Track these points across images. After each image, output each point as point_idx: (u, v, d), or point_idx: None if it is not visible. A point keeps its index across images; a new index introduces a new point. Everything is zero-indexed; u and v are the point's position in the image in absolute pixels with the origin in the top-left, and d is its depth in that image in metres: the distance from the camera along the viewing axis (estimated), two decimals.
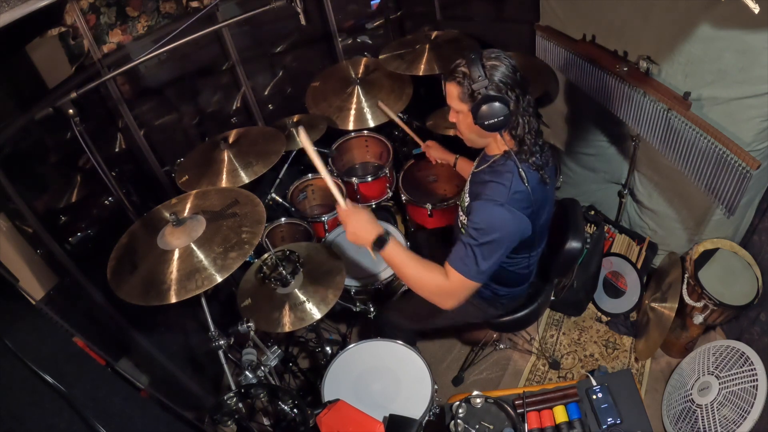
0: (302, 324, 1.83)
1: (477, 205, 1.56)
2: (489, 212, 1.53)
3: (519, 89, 1.51)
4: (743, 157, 1.84)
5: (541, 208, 1.62)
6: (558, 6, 2.49)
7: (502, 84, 1.48)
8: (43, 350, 1.29)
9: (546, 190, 1.63)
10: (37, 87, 1.94)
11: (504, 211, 1.52)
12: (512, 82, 1.49)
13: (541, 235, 1.74)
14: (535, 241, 1.68)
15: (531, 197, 1.54)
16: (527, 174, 1.54)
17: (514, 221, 1.54)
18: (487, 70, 1.48)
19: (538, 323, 2.75)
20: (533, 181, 1.56)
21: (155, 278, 1.53)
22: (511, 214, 1.53)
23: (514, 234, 1.57)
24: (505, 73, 1.49)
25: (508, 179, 1.54)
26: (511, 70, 1.50)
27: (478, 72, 1.47)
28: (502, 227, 1.53)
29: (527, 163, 1.57)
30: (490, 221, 1.53)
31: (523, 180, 1.53)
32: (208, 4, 2.36)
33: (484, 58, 1.49)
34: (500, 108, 1.47)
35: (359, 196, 2.70)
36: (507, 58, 1.51)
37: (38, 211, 1.90)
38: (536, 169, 1.58)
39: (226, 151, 2.19)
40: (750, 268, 2.22)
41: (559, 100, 2.85)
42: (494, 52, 1.51)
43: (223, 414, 1.53)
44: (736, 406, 2.02)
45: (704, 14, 1.80)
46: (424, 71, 2.55)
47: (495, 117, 1.48)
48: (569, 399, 1.73)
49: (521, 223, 1.56)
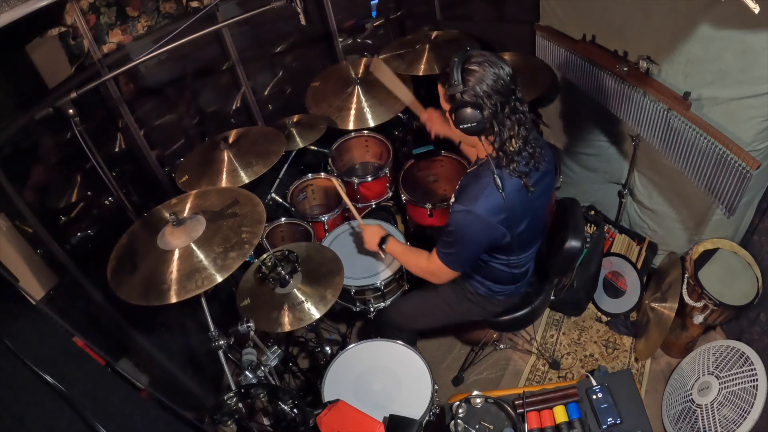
0: (301, 324, 1.82)
1: (452, 208, 1.64)
2: (456, 216, 1.62)
3: (500, 96, 1.48)
4: (743, 157, 1.84)
5: (520, 214, 1.62)
6: (558, 6, 2.49)
7: (479, 90, 1.46)
8: (43, 350, 1.29)
9: (527, 198, 1.60)
10: (37, 87, 1.94)
11: (470, 218, 1.58)
12: (490, 89, 1.46)
13: (525, 241, 1.75)
14: (513, 247, 1.69)
15: (504, 204, 1.54)
16: (505, 181, 1.54)
17: (479, 227, 1.59)
18: (465, 74, 1.46)
19: (538, 323, 2.75)
20: (511, 188, 1.56)
21: (155, 278, 1.53)
22: (477, 221, 1.57)
23: (480, 238, 1.64)
24: (485, 79, 1.46)
25: (483, 186, 1.57)
26: (493, 77, 1.46)
27: (455, 76, 1.47)
28: (465, 231, 1.63)
29: (508, 170, 1.56)
30: (456, 224, 1.63)
31: (498, 187, 1.53)
32: (208, 4, 2.36)
33: (466, 62, 1.47)
34: (472, 114, 1.48)
35: (359, 196, 2.70)
36: (492, 64, 1.47)
37: (38, 211, 1.90)
38: (518, 176, 1.56)
39: (226, 151, 2.19)
40: (750, 268, 2.23)
41: (559, 100, 2.85)
42: (481, 56, 1.48)
43: (223, 414, 1.53)
44: (736, 406, 2.02)
45: (704, 14, 1.80)
46: (423, 71, 2.55)
47: (468, 122, 1.49)
48: (569, 399, 1.73)
49: (489, 230, 1.60)
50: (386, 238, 2.01)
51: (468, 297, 2.01)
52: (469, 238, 1.64)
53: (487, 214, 1.56)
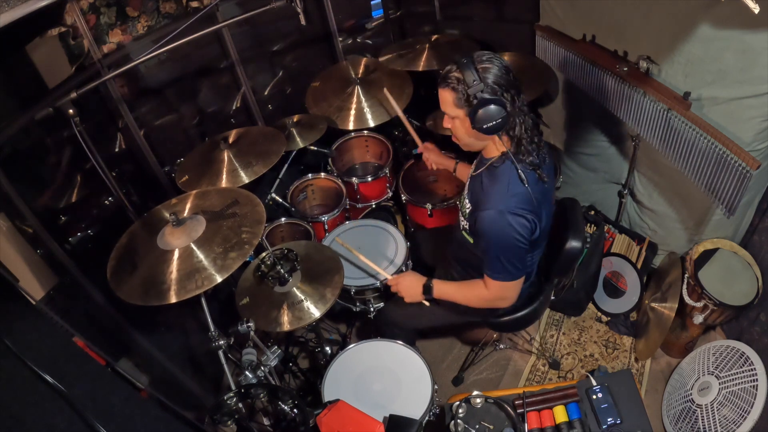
0: (300, 323, 1.82)
1: (481, 216, 1.59)
2: (489, 223, 1.57)
3: (513, 89, 1.51)
4: (743, 157, 1.84)
5: (542, 205, 1.63)
6: (558, 6, 2.49)
7: (496, 86, 1.48)
8: (43, 350, 1.29)
9: (544, 188, 1.63)
10: (37, 87, 1.94)
11: (505, 219, 1.54)
12: (506, 83, 1.49)
13: (544, 233, 1.75)
14: (539, 240, 1.69)
15: (531, 196, 1.55)
16: (525, 174, 1.55)
17: (516, 225, 1.56)
18: (481, 73, 1.47)
19: (538, 323, 2.75)
20: (531, 180, 1.57)
21: (155, 278, 1.53)
22: (513, 218, 1.55)
23: (521, 236, 1.58)
24: (498, 74, 1.48)
25: (506, 182, 1.56)
26: (503, 71, 1.49)
27: (472, 76, 1.47)
28: (505, 234, 1.56)
29: (525, 163, 1.58)
30: (493, 232, 1.57)
31: (523, 181, 1.54)
32: (208, 4, 2.36)
33: (476, 61, 1.49)
34: (497, 110, 1.47)
35: (359, 196, 2.70)
36: (498, 60, 1.50)
37: (38, 211, 1.90)
38: (533, 168, 1.59)
39: (226, 151, 2.19)
40: (750, 268, 2.22)
41: (559, 100, 2.85)
42: (485, 54, 1.51)
43: (223, 414, 1.53)
44: (736, 406, 2.02)
45: (704, 14, 1.80)
46: (423, 67, 2.55)
47: (493, 120, 1.48)
48: (569, 399, 1.73)
49: (525, 225, 1.57)
50: (430, 284, 1.84)
51: None
52: (512, 241, 1.58)
53: (520, 210, 1.54)
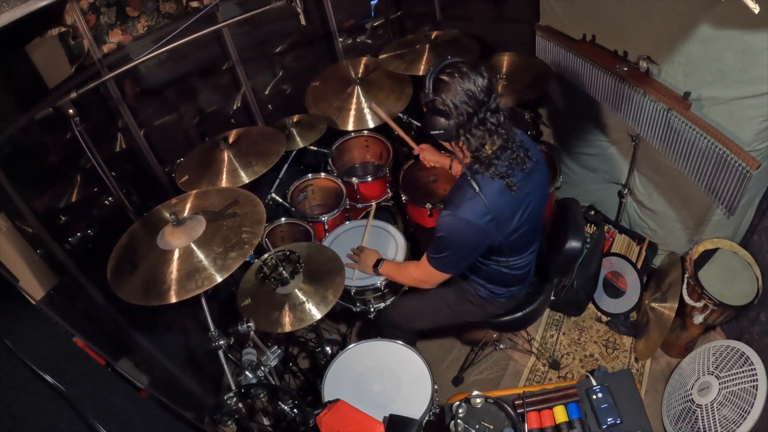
0: (302, 324, 1.82)
1: (440, 215, 1.68)
2: (444, 221, 1.66)
3: (467, 107, 1.50)
4: (743, 157, 1.84)
5: (508, 214, 1.64)
6: (558, 6, 2.49)
7: (447, 100, 1.50)
8: (43, 350, 1.28)
9: (513, 197, 1.61)
10: (37, 87, 1.94)
11: (457, 222, 1.61)
12: (458, 101, 1.50)
13: (522, 241, 1.76)
14: (508, 247, 1.71)
15: (487, 207, 1.56)
16: (484, 184, 1.58)
17: (466, 230, 1.62)
18: (437, 84, 1.51)
19: (538, 323, 2.75)
20: (493, 190, 1.58)
21: (155, 278, 1.53)
22: (463, 224, 1.60)
23: (470, 241, 1.67)
24: (453, 91, 1.49)
25: (464, 191, 1.61)
26: (461, 89, 1.49)
27: (427, 85, 1.54)
28: (454, 234, 1.66)
29: (487, 173, 1.58)
30: (445, 229, 1.66)
31: (474, 189, 1.57)
32: (208, 4, 2.36)
33: (440, 72, 1.52)
34: (440, 122, 1.54)
35: (359, 196, 2.70)
36: (463, 76, 1.49)
37: (38, 211, 1.90)
38: (499, 177, 1.58)
39: (226, 151, 2.19)
40: (750, 268, 2.23)
41: (559, 100, 2.85)
42: (454, 66, 1.52)
43: (223, 414, 1.53)
44: (736, 406, 2.02)
45: (704, 14, 1.80)
46: (424, 71, 2.55)
47: (436, 129, 1.56)
48: (569, 399, 1.73)
49: (477, 232, 1.62)
50: (380, 261, 2.11)
51: (469, 299, 2.01)
52: (459, 241, 1.68)
53: (472, 217, 1.59)
